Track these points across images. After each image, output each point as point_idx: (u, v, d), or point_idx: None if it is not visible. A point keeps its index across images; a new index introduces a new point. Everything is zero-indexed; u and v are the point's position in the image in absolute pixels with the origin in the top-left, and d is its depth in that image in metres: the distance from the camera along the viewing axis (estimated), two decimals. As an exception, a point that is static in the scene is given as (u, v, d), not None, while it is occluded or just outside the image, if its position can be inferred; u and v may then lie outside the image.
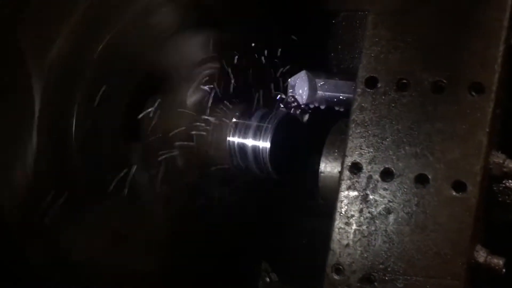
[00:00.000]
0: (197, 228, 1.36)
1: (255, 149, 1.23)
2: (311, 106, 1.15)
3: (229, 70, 1.36)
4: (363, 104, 0.96)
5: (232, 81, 1.36)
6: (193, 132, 1.27)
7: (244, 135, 1.24)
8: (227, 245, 1.47)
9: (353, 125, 0.96)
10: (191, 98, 1.28)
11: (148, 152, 1.20)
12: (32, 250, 1.04)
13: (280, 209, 1.66)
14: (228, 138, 1.26)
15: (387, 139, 0.93)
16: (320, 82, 1.11)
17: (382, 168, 0.93)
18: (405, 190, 0.91)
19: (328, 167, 1.06)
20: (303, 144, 1.32)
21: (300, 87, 1.14)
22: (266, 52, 1.48)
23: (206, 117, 1.28)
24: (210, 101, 1.30)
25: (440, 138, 0.88)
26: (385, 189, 0.92)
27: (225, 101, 1.33)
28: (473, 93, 0.85)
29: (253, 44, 1.44)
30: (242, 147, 1.25)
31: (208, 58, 1.33)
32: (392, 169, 0.92)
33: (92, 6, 1.03)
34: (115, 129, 1.13)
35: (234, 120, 1.27)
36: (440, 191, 0.87)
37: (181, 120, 1.27)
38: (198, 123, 1.27)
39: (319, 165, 1.64)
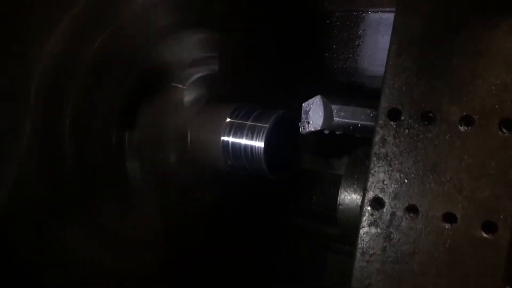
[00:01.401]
0: (190, 226, 1.34)
1: (249, 149, 1.21)
2: (326, 132, 1.11)
3: (225, 70, 1.36)
4: (385, 137, 0.92)
5: (227, 80, 1.37)
6: (187, 130, 1.27)
7: (238, 134, 1.23)
8: (222, 244, 1.45)
9: (375, 158, 0.92)
10: (186, 96, 1.28)
11: (142, 148, 1.19)
12: (24, 246, 1.02)
13: (273, 209, 1.65)
14: (222, 138, 1.24)
15: (412, 175, 0.89)
16: (336, 108, 1.06)
17: (406, 205, 0.89)
18: (431, 229, 0.87)
19: (347, 199, 1.02)
20: (297, 144, 1.31)
21: (315, 113, 1.09)
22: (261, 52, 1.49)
23: (201, 116, 1.27)
24: (205, 100, 1.30)
25: (469, 176, 0.84)
26: (409, 227, 0.88)
27: (219, 101, 1.32)
28: (504, 130, 0.81)
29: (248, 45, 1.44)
30: (236, 147, 1.23)
31: (203, 58, 1.33)
32: (417, 206, 0.88)
33: (88, 5, 1.03)
34: (110, 123, 1.13)
35: (228, 119, 1.24)
36: (468, 231, 0.84)
37: (175, 118, 1.26)
38: (192, 122, 1.27)
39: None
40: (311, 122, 1.14)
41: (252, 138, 1.22)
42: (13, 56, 0.94)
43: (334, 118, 1.10)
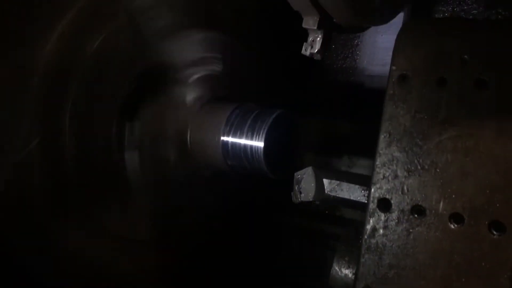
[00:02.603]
0: (189, 226, 1.34)
1: (249, 149, 1.21)
2: (317, 203, 1.10)
3: (225, 70, 1.36)
4: (375, 227, 0.91)
5: (228, 80, 1.37)
6: (187, 130, 1.27)
7: (238, 134, 1.23)
8: (222, 244, 1.45)
9: (365, 247, 0.92)
10: (187, 95, 1.28)
11: (141, 142, 1.18)
12: (24, 246, 1.02)
13: (273, 209, 1.65)
14: (222, 138, 1.24)
15: (402, 269, 0.88)
16: (327, 182, 1.06)
17: (397, 299, 0.89)
18: (422, 327, 0.86)
19: (338, 283, 1.02)
20: (297, 142, 1.31)
21: (306, 183, 1.09)
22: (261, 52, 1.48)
23: (201, 115, 1.28)
24: (205, 99, 1.31)
25: (458, 275, 0.83)
26: (401, 323, 0.88)
27: (219, 100, 1.33)
28: (494, 232, 0.81)
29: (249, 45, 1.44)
30: (236, 146, 1.23)
31: (205, 57, 1.34)
32: (408, 302, 0.87)
33: (88, 4, 1.03)
34: (111, 116, 1.13)
35: (228, 119, 1.25)
36: (459, 332, 0.83)
37: (175, 117, 1.26)
38: (192, 121, 1.27)
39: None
40: (302, 194, 1.13)
41: (252, 138, 1.22)
42: (16, 50, 0.95)
43: (326, 192, 1.10)
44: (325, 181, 1.10)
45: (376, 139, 0.93)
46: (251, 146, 1.21)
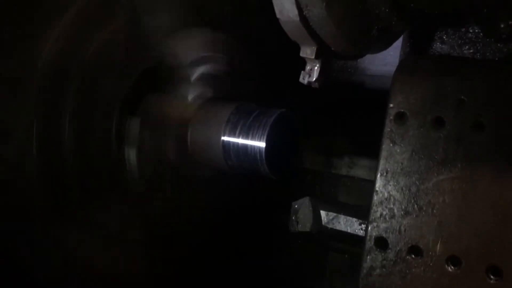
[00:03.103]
0: (188, 226, 1.33)
1: (249, 149, 1.20)
2: (314, 233, 1.10)
3: (225, 69, 1.36)
4: (372, 265, 0.90)
5: (228, 79, 1.36)
6: (188, 129, 1.27)
7: (239, 134, 1.22)
8: (221, 245, 1.45)
9: (362, 286, 0.91)
10: (188, 95, 1.28)
11: (141, 139, 1.18)
12: (23, 246, 1.01)
13: (273, 209, 1.65)
14: (222, 138, 1.23)
15: (399, 310, 0.88)
16: (324, 214, 1.05)
17: None
18: None
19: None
20: (297, 142, 1.31)
21: (303, 214, 1.08)
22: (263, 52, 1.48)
23: (201, 115, 1.28)
24: (206, 99, 1.30)
25: (456, 319, 0.83)
26: None
27: (220, 100, 1.32)
28: (492, 276, 0.80)
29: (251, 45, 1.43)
30: (237, 147, 1.22)
31: (205, 57, 1.33)
32: None
33: (88, 3, 1.02)
34: (111, 112, 1.12)
35: (228, 119, 1.24)
36: None
37: (176, 116, 1.26)
38: (192, 121, 1.27)
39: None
40: (300, 224, 1.13)
41: (252, 138, 1.21)
42: (16, 49, 0.94)
43: (323, 224, 1.09)
44: (322, 213, 1.10)
45: (374, 177, 0.92)
46: (252, 146, 1.20)
